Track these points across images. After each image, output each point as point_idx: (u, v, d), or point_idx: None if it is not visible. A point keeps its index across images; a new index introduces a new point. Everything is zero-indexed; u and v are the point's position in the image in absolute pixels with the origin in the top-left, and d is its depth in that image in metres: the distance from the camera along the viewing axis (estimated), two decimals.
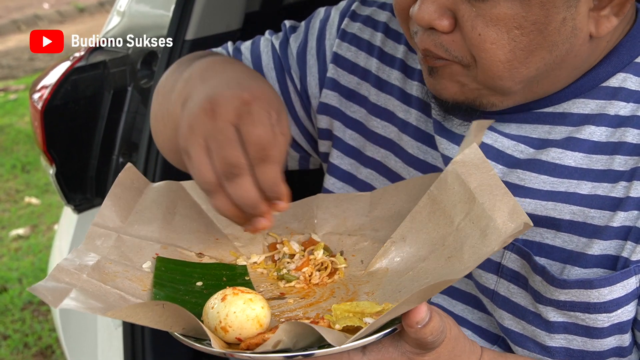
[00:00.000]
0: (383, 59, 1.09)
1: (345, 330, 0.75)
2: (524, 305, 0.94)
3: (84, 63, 1.87)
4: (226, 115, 0.83)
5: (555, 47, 0.85)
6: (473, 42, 0.85)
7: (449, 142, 0.98)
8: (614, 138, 0.90)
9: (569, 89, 0.93)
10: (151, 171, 1.78)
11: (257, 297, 0.77)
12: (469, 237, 0.82)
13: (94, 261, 0.87)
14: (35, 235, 3.82)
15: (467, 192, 0.84)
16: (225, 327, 0.74)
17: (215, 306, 0.76)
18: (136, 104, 1.88)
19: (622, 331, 0.90)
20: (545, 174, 0.92)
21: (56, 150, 1.83)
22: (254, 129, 0.83)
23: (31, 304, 3.24)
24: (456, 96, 0.92)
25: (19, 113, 5.35)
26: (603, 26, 0.86)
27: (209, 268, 0.93)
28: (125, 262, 0.90)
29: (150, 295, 0.86)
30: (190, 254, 0.95)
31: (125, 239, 0.93)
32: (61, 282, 0.81)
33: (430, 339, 0.74)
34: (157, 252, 0.93)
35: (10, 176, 4.48)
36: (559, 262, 0.91)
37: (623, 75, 0.92)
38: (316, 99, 1.13)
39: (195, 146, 0.84)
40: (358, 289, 0.89)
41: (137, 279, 0.88)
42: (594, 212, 0.89)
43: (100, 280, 0.84)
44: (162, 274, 0.89)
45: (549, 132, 0.94)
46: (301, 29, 1.17)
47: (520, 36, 0.83)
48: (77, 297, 0.78)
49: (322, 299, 0.87)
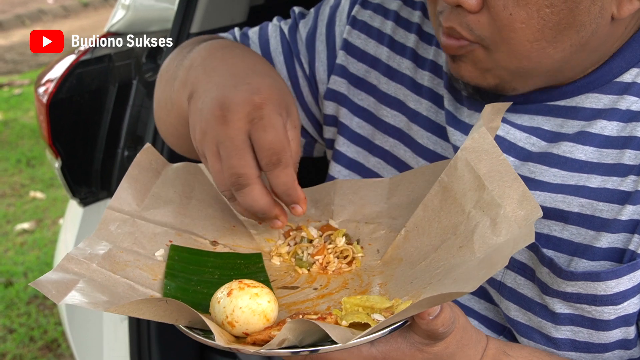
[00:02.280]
0: (394, 48, 1.09)
1: (353, 326, 0.75)
2: (531, 297, 0.94)
3: (89, 56, 1.87)
4: (237, 122, 0.85)
5: (583, 28, 0.85)
6: (504, 21, 0.84)
7: (462, 134, 0.98)
8: (625, 132, 0.90)
9: (582, 82, 0.93)
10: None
11: (263, 291, 0.76)
12: (479, 225, 0.82)
13: (105, 250, 0.87)
14: (41, 230, 3.83)
15: (477, 179, 0.84)
16: (232, 322, 0.74)
17: (222, 301, 0.75)
18: (141, 98, 1.88)
19: (627, 324, 0.90)
20: (556, 167, 0.92)
21: (61, 144, 1.83)
22: (266, 135, 0.84)
23: (37, 298, 3.25)
24: (478, 80, 0.92)
25: (24, 108, 5.36)
26: (625, 8, 0.86)
27: (223, 257, 0.93)
28: (138, 249, 0.89)
29: (161, 285, 0.85)
30: (205, 241, 0.94)
31: (140, 223, 0.92)
32: (69, 272, 0.81)
33: (442, 329, 0.74)
34: (171, 240, 0.92)
35: (15, 171, 4.48)
36: (566, 254, 0.91)
37: (636, 71, 0.92)
38: (324, 84, 1.13)
39: (208, 152, 0.86)
40: (372, 280, 0.88)
41: (149, 267, 0.87)
42: (603, 205, 0.89)
43: (111, 270, 0.84)
44: (175, 263, 0.89)
45: (561, 125, 0.93)
46: (310, 15, 1.16)
47: (551, 15, 0.83)
48: (83, 289, 0.78)
49: (335, 291, 0.87)
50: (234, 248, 0.95)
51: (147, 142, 0.91)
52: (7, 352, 2.96)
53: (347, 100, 1.11)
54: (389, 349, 0.76)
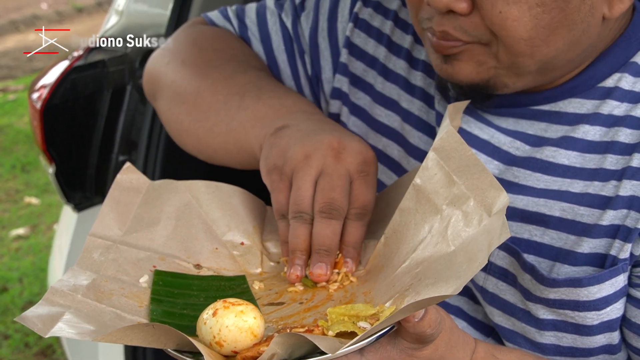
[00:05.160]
0: (391, 48, 1.09)
1: (340, 335, 0.75)
2: (513, 303, 0.94)
3: (83, 62, 1.87)
4: (350, 165, 0.88)
5: (575, 26, 0.85)
6: (494, 20, 0.84)
7: None
8: (607, 137, 0.90)
9: (566, 86, 0.93)
10: (151, 169, 1.79)
11: (248, 308, 0.76)
12: (452, 219, 0.82)
13: (89, 280, 0.86)
14: (35, 235, 3.82)
15: (447, 175, 0.84)
16: (220, 342, 0.74)
17: (208, 321, 0.75)
18: (135, 103, 1.88)
19: (611, 329, 0.90)
20: (539, 172, 0.92)
21: (56, 149, 1.83)
22: (367, 192, 0.89)
23: (32, 304, 3.23)
24: (471, 76, 0.91)
25: (18, 113, 5.35)
26: (616, 7, 0.86)
27: (207, 280, 0.92)
28: (122, 277, 0.89)
29: (147, 312, 0.85)
30: (188, 265, 0.94)
31: (123, 249, 0.91)
32: (55, 305, 0.81)
33: (429, 331, 0.74)
34: (154, 265, 0.92)
35: (10, 176, 4.48)
36: (547, 259, 0.91)
37: (618, 76, 0.92)
38: (330, 83, 1.13)
39: (304, 173, 0.88)
40: (356, 290, 0.88)
41: (134, 295, 0.87)
42: (584, 209, 0.89)
43: (96, 300, 0.83)
44: (160, 288, 0.88)
45: (545, 129, 0.94)
46: (310, 6, 1.15)
47: (542, 14, 0.83)
48: (69, 320, 0.78)
49: (321, 303, 0.86)
50: (218, 271, 0.94)
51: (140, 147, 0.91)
52: (2, 358, 2.96)
53: (348, 100, 1.11)
54: (379, 358, 0.76)
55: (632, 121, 0.90)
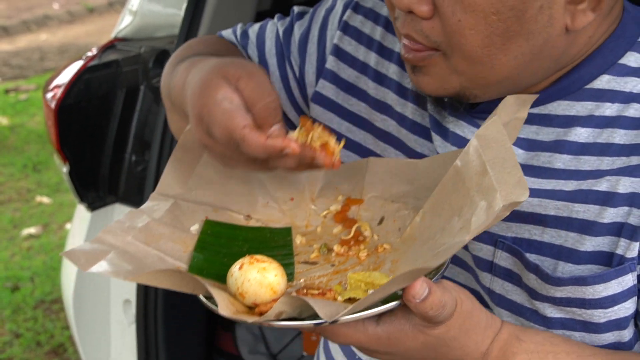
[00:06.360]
0: (382, 53, 1.09)
1: (350, 301, 0.79)
2: (520, 302, 0.94)
3: (97, 62, 1.88)
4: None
5: (532, 36, 0.86)
6: (453, 28, 0.85)
7: (443, 141, 0.98)
8: (601, 139, 0.90)
9: (552, 89, 0.93)
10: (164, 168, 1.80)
11: (271, 266, 0.82)
12: (477, 208, 0.83)
13: (144, 223, 0.91)
14: (47, 234, 3.84)
15: (482, 164, 0.85)
16: (242, 294, 0.81)
17: (234, 274, 0.82)
18: (149, 103, 1.89)
19: (619, 327, 0.90)
20: (534, 177, 0.93)
21: (69, 149, 1.84)
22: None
23: (43, 303, 3.26)
24: (438, 91, 0.93)
25: (30, 113, 5.38)
26: (579, 20, 0.86)
27: (254, 231, 0.97)
28: (175, 224, 0.94)
29: (190, 257, 0.90)
30: (239, 216, 0.99)
31: (182, 204, 0.96)
32: (104, 244, 0.85)
33: (432, 313, 0.76)
34: (207, 216, 0.97)
35: (22, 175, 4.50)
36: (550, 257, 0.91)
37: (607, 77, 0.92)
38: (312, 87, 1.14)
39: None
40: (386, 257, 0.91)
41: (181, 240, 0.92)
42: (578, 206, 0.89)
43: (144, 242, 0.89)
44: (207, 236, 0.94)
45: (536, 132, 0.94)
46: (307, 16, 1.17)
47: (498, 22, 0.84)
48: (112, 259, 0.83)
49: (350, 267, 0.91)
50: (267, 223, 0.99)
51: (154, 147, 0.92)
52: (13, 356, 2.97)
53: (336, 106, 1.12)
54: (393, 329, 0.79)
55: (625, 121, 0.90)
